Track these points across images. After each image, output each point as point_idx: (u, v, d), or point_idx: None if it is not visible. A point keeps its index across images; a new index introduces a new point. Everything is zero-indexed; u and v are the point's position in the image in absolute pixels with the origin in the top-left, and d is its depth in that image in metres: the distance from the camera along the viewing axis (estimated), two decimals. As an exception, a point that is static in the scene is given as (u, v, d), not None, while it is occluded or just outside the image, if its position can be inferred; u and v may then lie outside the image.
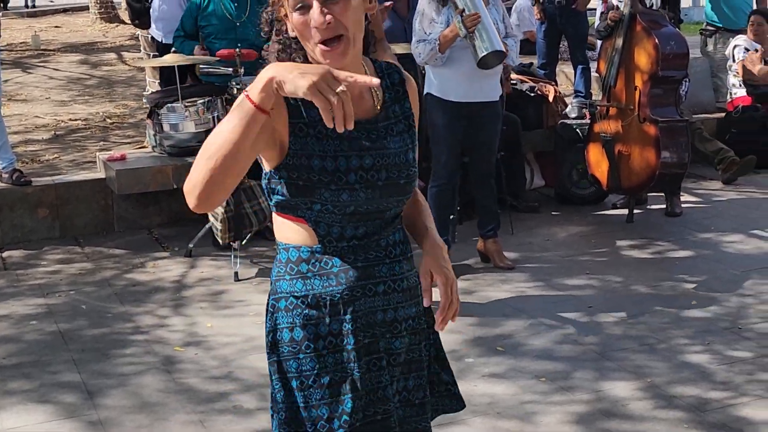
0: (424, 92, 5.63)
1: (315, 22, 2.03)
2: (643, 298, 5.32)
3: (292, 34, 2.13)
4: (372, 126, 2.18)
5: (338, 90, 1.86)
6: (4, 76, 12.04)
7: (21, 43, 15.23)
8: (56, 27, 17.56)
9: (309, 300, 2.14)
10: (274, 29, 2.20)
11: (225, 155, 1.94)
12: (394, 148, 2.18)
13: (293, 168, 2.10)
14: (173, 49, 5.74)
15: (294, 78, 1.87)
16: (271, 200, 2.18)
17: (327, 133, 2.10)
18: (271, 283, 2.22)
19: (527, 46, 9.51)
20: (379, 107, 2.21)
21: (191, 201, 2.00)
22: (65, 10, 19.81)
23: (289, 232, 2.19)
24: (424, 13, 5.46)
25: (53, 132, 8.61)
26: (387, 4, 6.11)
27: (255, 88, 1.90)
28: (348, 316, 2.15)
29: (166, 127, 5.67)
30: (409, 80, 2.30)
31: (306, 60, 2.13)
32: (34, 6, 23.97)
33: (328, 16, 2.02)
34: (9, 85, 11.15)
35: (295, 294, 2.15)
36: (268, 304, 2.22)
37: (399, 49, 5.99)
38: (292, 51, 2.15)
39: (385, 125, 2.19)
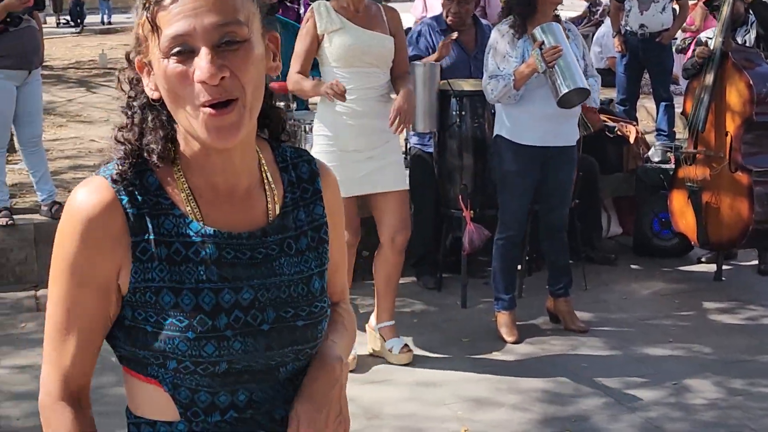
0: (494, 134, 5.11)
1: (203, 73, 1.39)
2: (737, 373, 4.70)
3: (153, 94, 1.49)
4: (257, 241, 1.54)
5: None
6: (67, 95, 11.88)
7: (89, 60, 15.10)
8: (126, 45, 17.46)
9: None
10: (127, 93, 1.55)
11: None
12: (289, 273, 1.55)
13: (137, 305, 1.48)
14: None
15: None
16: (114, 349, 1.56)
17: (185, 255, 1.49)
18: None
19: (608, 76, 8.90)
20: (272, 213, 1.58)
21: None
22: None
23: (141, 398, 1.55)
24: (497, 46, 4.95)
25: (106, 158, 8.26)
26: (452, 36, 5.63)
27: None
28: None
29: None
30: (324, 173, 1.66)
31: (167, 144, 1.50)
32: (110, 23, 24.02)
33: (224, 69, 1.40)
34: (72, 105, 10.93)
35: None
36: None
37: (466, 85, 5.50)
38: (145, 132, 1.51)
39: (278, 240, 1.56)
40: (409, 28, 6.33)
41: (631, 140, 6.86)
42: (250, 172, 1.57)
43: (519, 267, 5.43)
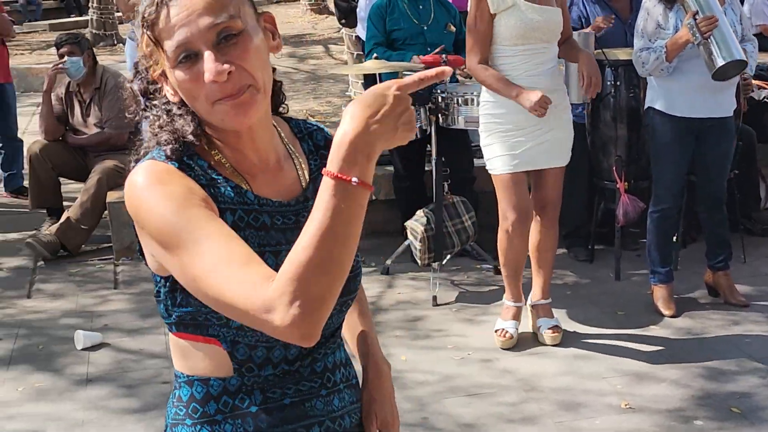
0: (646, 106, 5.01)
1: (211, 73, 1.50)
2: None
3: (173, 98, 1.59)
4: (300, 206, 1.66)
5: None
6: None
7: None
8: (268, 18, 17.77)
9: None
10: (145, 98, 1.64)
11: (348, 261, 1.39)
12: None
13: None
14: (375, 54, 5.36)
15: (388, 138, 1.37)
16: (167, 317, 1.62)
17: (247, 221, 1.58)
18: (166, 428, 1.70)
19: (761, 41, 8.56)
20: (304, 181, 1.69)
21: (305, 331, 1.37)
22: (277, 1, 20.01)
23: (194, 358, 1.63)
24: (649, 17, 4.83)
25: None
26: (610, 17, 5.53)
27: (348, 164, 1.34)
28: None
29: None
30: None
31: (198, 126, 1.59)
32: (249, -3, 24.43)
33: (226, 65, 1.50)
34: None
35: None
36: None
37: (621, 54, 5.40)
38: (174, 119, 1.59)
39: (310, 205, 1.54)
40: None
41: (792, 108, 6.60)
42: (275, 146, 1.68)
43: (674, 239, 5.32)
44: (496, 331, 4.77)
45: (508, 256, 4.68)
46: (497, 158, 4.59)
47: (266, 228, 1.60)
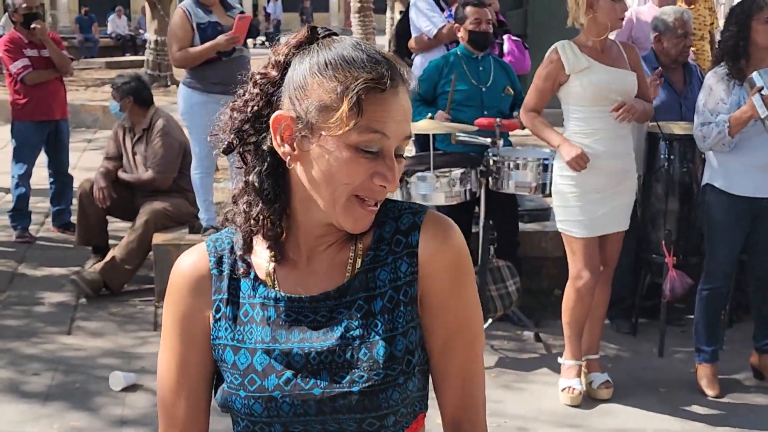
0: (703, 183, 4.96)
1: (389, 182, 1.45)
2: None
3: (280, 149, 1.48)
4: (319, 305, 1.53)
5: None
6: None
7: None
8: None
9: None
10: (240, 149, 1.54)
11: None
12: (351, 337, 1.49)
13: (218, 363, 1.59)
14: (429, 115, 5.37)
15: None
16: None
17: (251, 315, 1.55)
18: None
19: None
20: (350, 273, 1.54)
21: None
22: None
23: None
24: (712, 91, 4.81)
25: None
26: (657, 72, 5.47)
27: None
28: None
29: (415, 197, 5.30)
30: (430, 230, 1.54)
31: (277, 225, 1.53)
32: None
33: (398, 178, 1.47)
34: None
35: None
36: None
37: (676, 128, 5.35)
38: (257, 217, 1.53)
39: (346, 302, 1.52)
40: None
41: None
42: (341, 235, 1.56)
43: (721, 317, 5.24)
44: (563, 390, 4.80)
45: (574, 315, 4.76)
46: (576, 222, 4.66)
47: (265, 324, 1.54)
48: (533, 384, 4.98)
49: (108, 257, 6.30)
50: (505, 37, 6.95)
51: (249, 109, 1.50)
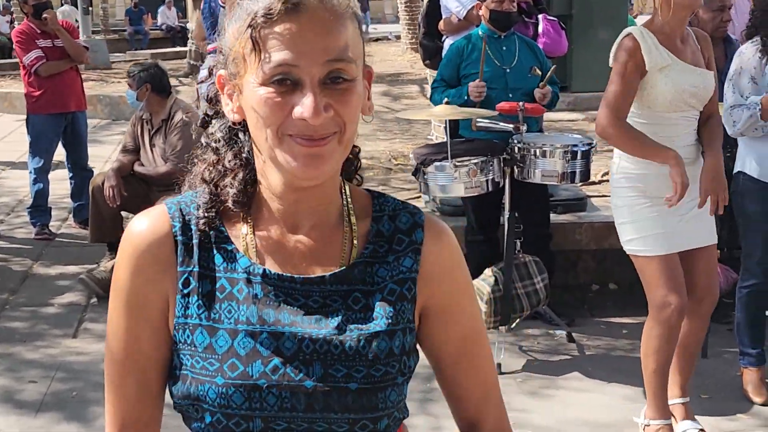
0: (735, 170, 4.49)
1: (306, 112, 1.28)
2: None
3: (233, 117, 1.38)
4: (313, 288, 1.39)
5: None
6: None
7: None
8: (367, 56, 17.65)
9: None
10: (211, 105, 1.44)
11: None
12: (347, 329, 1.37)
13: (178, 347, 1.38)
14: (445, 100, 4.99)
15: None
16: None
17: (230, 292, 1.37)
18: None
19: None
20: (344, 262, 1.41)
21: None
22: (377, 39, 19.92)
23: None
24: (742, 72, 4.32)
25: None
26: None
27: None
28: None
29: (433, 189, 4.92)
30: (433, 229, 1.46)
31: (242, 193, 1.40)
32: (366, 33, 24.65)
33: (328, 109, 1.29)
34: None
35: None
36: None
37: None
38: (226, 169, 1.41)
39: (342, 291, 1.39)
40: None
41: None
42: (328, 215, 1.43)
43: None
44: None
45: (660, 360, 3.92)
46: (646, 238, 3.88)
47: (249, 303, 1.37)
48: (563, 390, 4.60)
49: (120, 255, 6.03)
50: (540, 16, 6.55)
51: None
